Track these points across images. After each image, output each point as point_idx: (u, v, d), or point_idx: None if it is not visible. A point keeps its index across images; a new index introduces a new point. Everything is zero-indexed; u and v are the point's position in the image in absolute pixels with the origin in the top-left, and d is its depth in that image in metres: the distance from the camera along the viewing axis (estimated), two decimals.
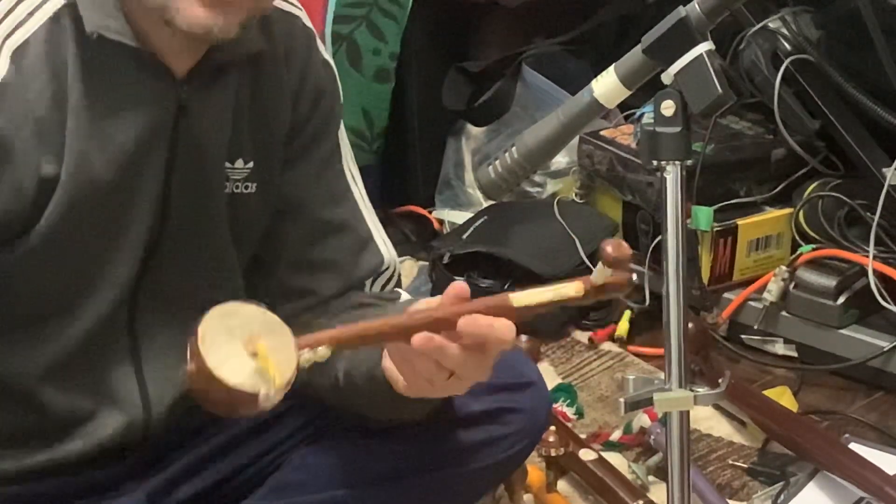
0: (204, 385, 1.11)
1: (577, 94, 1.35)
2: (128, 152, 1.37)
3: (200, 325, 1.12)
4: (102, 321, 1.43)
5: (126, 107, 1.37)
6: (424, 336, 1.16)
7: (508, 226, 2.61)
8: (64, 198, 1.35)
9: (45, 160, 1.34)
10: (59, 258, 1.38)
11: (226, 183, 1.46)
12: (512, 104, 2.87)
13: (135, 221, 1.41)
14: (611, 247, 1.16)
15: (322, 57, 1.52)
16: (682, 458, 1.31)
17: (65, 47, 1.33)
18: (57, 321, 1.42)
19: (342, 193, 1.53)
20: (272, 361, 1.13)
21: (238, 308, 1.15)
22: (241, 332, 1.13)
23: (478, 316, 1.16)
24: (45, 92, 1.33)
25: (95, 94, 1.35)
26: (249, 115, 1.46)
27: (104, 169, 1.37)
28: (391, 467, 1.47)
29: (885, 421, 2.22)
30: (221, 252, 1.48)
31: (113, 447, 1.47)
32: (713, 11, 1.27)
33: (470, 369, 1.21)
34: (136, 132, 1.37)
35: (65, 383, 1.43)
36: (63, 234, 1.36)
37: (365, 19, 2.76)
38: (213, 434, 1.56)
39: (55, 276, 1.40)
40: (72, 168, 1.34)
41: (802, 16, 2.53)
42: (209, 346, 1.11)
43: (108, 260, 1.41)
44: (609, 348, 2.46)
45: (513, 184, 1.40)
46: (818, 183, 2.53)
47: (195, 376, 1.11)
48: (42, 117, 1.33)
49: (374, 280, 1.52)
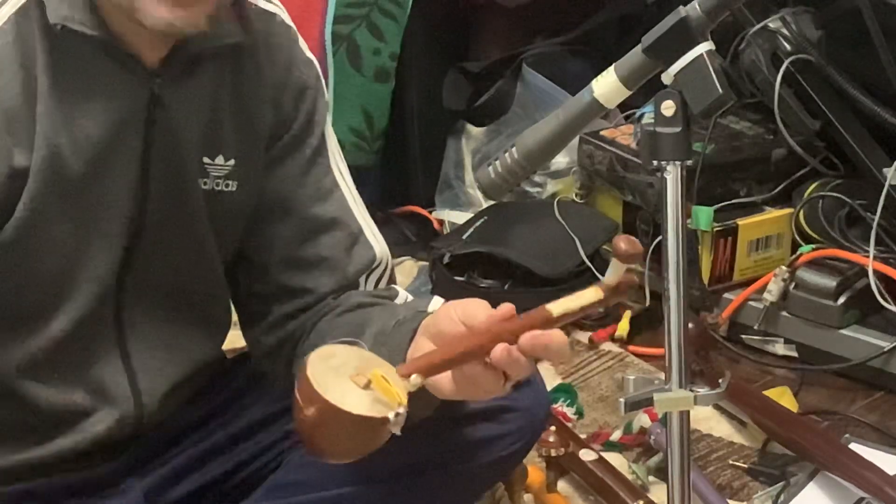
0: (327, 427, 1.11)
1: (578, 94, 1.34)
2: (98, 143, 1.37)
3: (307, 370, 1.12)
4: (87, 315, 1.43)
5: (95, 97, 1.37)
6: (504, 349, 1.18)
7: (509, 226, 2.61)
8: (35, 189, 1.35)
9: (16, 151, 1.34)
10: (36, 251, 1.38)
11: (205, 179, 1.46)
12: (512, 104, 2.87)
13: (113, 214, 1.41)
14: (624, 243, 1.17)
15: (304, 55, 1.52)
16: (682, 458, 1.31)
17: (32, 38, 1.34)
18: (40, 316, 1.42)
19: (330, 190, 1.53)
20: (392, 382, 1.14)
21: (335, 349, 1.17)
22: (346, 369, 1.14)
23: (538, 332, 1.18)
24: (14, 83, 1.33)
25: (64, 85, 1.35)
26: (230, 111, 1.46)
27: (74, 160, 1.37)
28: (390, 466, 1.47)
29: (885, 421, 2.22)
30: (202, 246, 1.48)
31: (106, 443, 1.47)
32: (713, 11, 1.27)
33: (523, 375, 1.22)
34: (106, 123, 1.37)
35: (53, 379, 1.43)
36: (37, 226, 1.36)
37: (365, 19, 2.76)
38: (212, 432, 1.56)
39: (34, 270, 1.39)
40: (42, 159, 1.34)
41: (803, 16, 2.53)
42: (323, 388, 1.11)
43: (88, 254, 1.41)
44: (609, 348, 2.46)
45: (513, 184, 1.40)
46: (818, 183, 2.53)
47: (316, 420, 1.11)
48: (11, 108, 1.33)
49: (367, 277, 1.52)
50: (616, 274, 1.19)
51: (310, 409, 1.11)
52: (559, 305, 1.19)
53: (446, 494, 1.52)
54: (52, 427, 1.45)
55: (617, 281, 1.19)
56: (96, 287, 1.42)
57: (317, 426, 1.12)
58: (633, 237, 1.18)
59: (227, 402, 1.58)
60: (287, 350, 1.51)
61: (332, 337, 1.38)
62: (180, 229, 1.46)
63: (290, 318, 1.51)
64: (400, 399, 1.13)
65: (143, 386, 1.48)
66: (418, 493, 1.49)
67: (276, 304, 1.52)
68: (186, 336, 1.51)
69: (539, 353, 1.19)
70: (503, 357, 1.18)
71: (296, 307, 1.50)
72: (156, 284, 1.47)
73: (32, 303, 1.41)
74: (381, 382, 1.14)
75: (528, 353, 1.18)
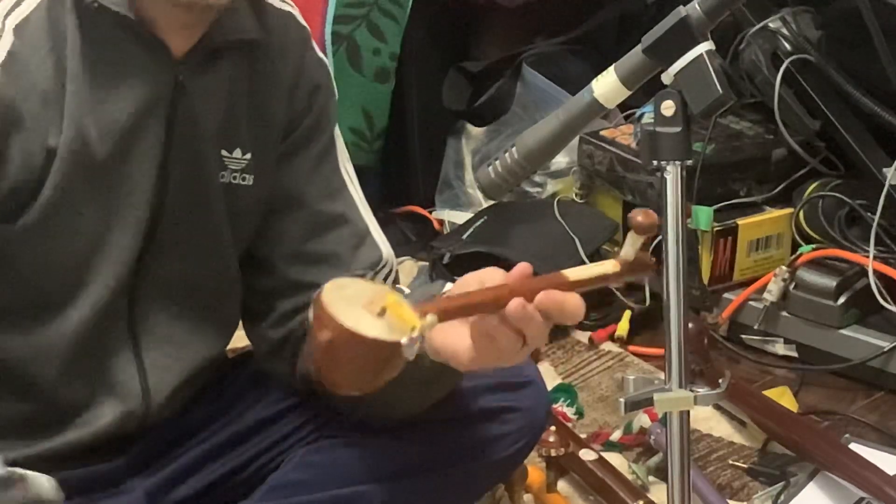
0: (341, 351, 1.10)
1: (578, 94, 1.35)
2: (123, 126, 1.38)
3: (322, 296, 1.11)
4: (101, 307, 1.43)
5: (123, 80, 1.38)
6: (520, 303, 1.17)
7: (509, 226, 2.61)
8: (61, 170, 1.36)
9: (51, 131, 1.35)
10: (61, 234, 1.38)
11: (223, 171, 1.47)
12: (512, 104, 2.87)
13: (134, 201, 1.41)
14: (641, 215, 1.18)
15: (316, 55, 1.53)
16: (682, 458, 1.31)
17: (64, 19, 1.35)
18: (57, 306, 1.42)
19: (339, 188, 1.53)
20: (405, 308, 1.12)
21: (348, 281, 1.15)
22: (358, 299, 1.13)
23: (552, 291, 1.18)
24: (47, 63, 1.34)
25: (93, 66, 1.36)
26: (247, 106, 1.47)
27: (99, 142, 1.37)
28: (391, 466, 1.47)
29: (885, 421, 2.22)
30: (218, 240, 1.49)
31: (111, 437, 1.47)
32: (713, 11, 1.27)
33: (539, 338, 1.22)
34: (132, 107, 1.38)
35: (64, 370, 1.43)
36: (63, 208, 1.37)
37: (365, 19, 2.76)
38: (214, 432, 1.56)
39: (57, 254, 1.40)
40: (69, 140, 1.35)
41: (802, 16, 2.54)
42: (337, 313, 1.10)
43: (109, 240, 1.41)
44: (609, 348, 2.46)
45: (513, 184, 1.40)
46: (818, 183, 2.53)
47: (330, 345, 1.10)
48: (45, 89, 1.34)
49: (373, 277, 1.52)
50: (633, 246, 1.20)
51: (324, 333, 1.10)
52: (575, 272, 1.20)
53: (447, 494, 1.52)
54: (58, 420, 1.45)
55: (634, 255, 1.20)
56: (114, 276, 1.42)
57: (331, 351, 1.11)
58: (651, 210, 1.19)
59: (228, 403, 1.58)
60: (290, 346, 1.51)
61: None
62: (198, 221, 1.47)
63: (295, 313, 1.51)
64: (414, 323, 1.12)
65: (153, 381, 1.48)
66: (419, 494, 1.49)
67: (281, 300, 1.52)
68: (197, 333, 1.51)
69: (553, 311, 1.18)
70: (518, 310, 1.17)
71: (300, 302, 1.50)
72: (171, 278, 1.47)
73: (54, 288, 1.42)
74: (396, 308, 1.12)
75: (543, 309, 1.18)
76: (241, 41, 1.44)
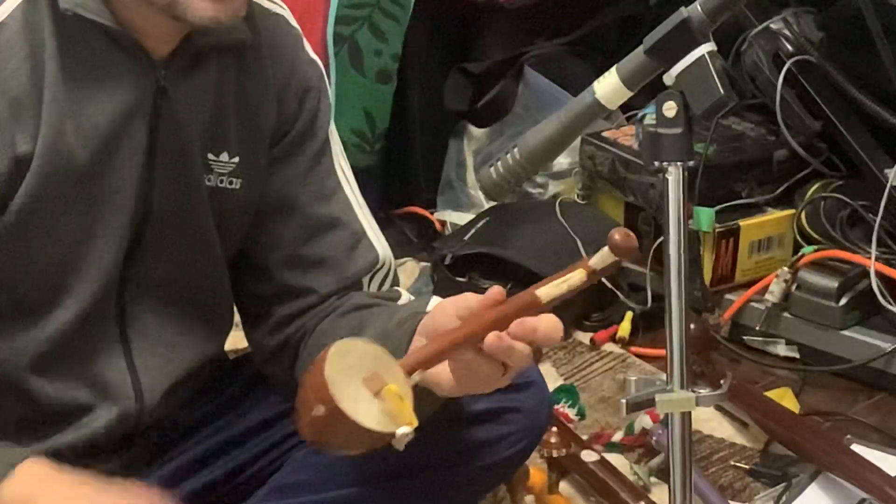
0: (334, 427, 1.13)
1: (579, 95, 1.35)
2: (103, 133, 1.38)
3: (325, 370, 1.13)
4: (90, 310, 1.43)
5: (103, 87, 1.37)
6: (495, 337, 1.18)
7: (510, 227, 2.61)
8: (37, 175, 1.35)
9: (20, 139, 1.34)
10: (37, 239, 1.38)
11: (209, 175, 1.46)
12: (514, 105, 2.87)
13: (117, 206, 1.41)
14: (619, 235, 1.19)
15: (308, 56, 1.53)
16: (683, 459, 1.31)
17: (41, 25, 1.34)
18: (44, 307, 1.42)
19: (333, 191, 1.53)
20: (406, 403, 1.15)
21: (350, 345, 1.17)
22: (359, 371, 1.15)
23: (525, 319, 1.19)
24: (22, 69, 1.33)
25: (72, 73, 1.35)
26: (234, 109, 1.46)
27: (79, 148, 1.36)
28: (392, 467, 1.47)
29: (886, 422, 2.22)
30: (206, 243, 1.49)
31: (108, 439, 1.47)
32: (715, 12, 1.27)
33: (521, 361, 1.22)
34: (111, 112, 1.38)
35: (55, 373, 1.43)
36: (38, 213, 1.36)
37: (366, 20, 2.76)
38: (213, 434, 1.56)
39: (35, 259, 1.39)
40: (46, 146, 1.34)
41: (804, 17, 2.54)
42: (336, 391, 1.12)
43: (92, 245, 1.41)
44: (611, 349, 2.46)
45: (515, 185, 1.40)
46: (820, 184, 2.53)
47: (324, 420, 1.12)
48: (18, 95, 1.33)
49: (370, 279, 1.52)
50: (603, 261, 1.20)
51: (320, 408, 1.12)
52: (546, 290, 1.20)
53: (449, 495, 1.52)
54: (51, 423, 1.45)
55: (602, 266, 1.20)
56: (100, 280, 1.42)
57: (323, 426, 1.13)
58: (630, 233, 1.19)
59: (228, 404, 1.58)
60: (289, 352, 1.51)
61: (332, 338, 1.38)
62: (185, 225, 1.46)
63: (293, 318, 1.51)
64: (410, 420, 1.14)
65: (145, 382, 1.48)
66: (420, 495, 1.49)
67: (278, 305, 1.52)
68: (188, 334, 1.51)
69: (529, 338, 1.19)
70: (495, 344, 1.18)
71: (298, 308, 1.50)
72: (159, 280, 1.47)
73: (35, 293, 1.41)
74: (396, 400, 1.15)
75: (519, 339, 1.19)
76: (227, 43, 1.43)
